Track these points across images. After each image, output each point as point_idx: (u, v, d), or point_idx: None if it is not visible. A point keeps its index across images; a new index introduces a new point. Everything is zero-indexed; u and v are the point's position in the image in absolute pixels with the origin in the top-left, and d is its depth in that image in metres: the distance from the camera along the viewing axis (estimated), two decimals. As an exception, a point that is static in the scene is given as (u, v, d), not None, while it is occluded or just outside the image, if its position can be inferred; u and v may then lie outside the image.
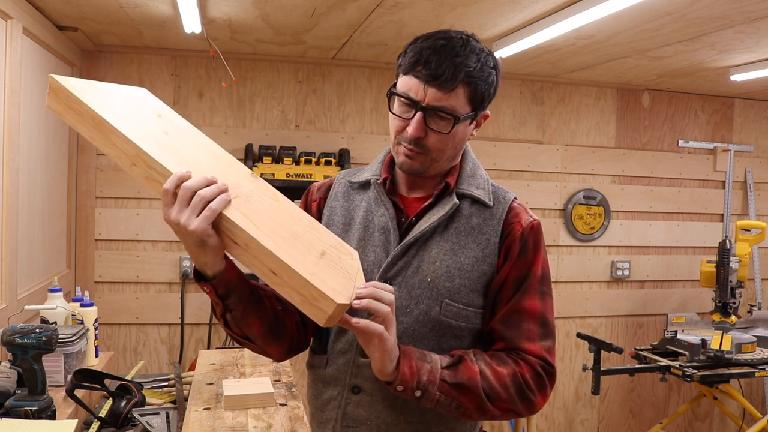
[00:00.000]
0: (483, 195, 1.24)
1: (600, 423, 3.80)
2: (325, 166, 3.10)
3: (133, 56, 3.09)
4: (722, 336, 2.99)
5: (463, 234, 1.21)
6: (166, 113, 1.11)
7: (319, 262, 1.03)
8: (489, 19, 2.41)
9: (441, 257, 1.20)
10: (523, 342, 1.17)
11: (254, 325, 1.17)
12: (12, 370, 1.60)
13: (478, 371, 1.12)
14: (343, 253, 1.08)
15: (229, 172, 1.06)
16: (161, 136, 1.04)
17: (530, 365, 1.16)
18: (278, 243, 0.99)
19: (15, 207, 2.14)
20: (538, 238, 1.23)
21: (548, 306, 1.22)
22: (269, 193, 1.08)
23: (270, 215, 1.04)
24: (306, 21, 2.54)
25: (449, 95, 1.12)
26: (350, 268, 1.07)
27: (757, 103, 3.95)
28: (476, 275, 1.20)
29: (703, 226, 3.88)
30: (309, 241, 1.05)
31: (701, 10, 2.17)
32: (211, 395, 1.66)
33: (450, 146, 1.18)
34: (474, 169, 1.28)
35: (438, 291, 1.18)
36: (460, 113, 1.14)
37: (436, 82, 1.11)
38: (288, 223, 1.05)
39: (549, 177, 3.63)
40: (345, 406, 1.22)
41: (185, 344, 3.18)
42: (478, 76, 1.14)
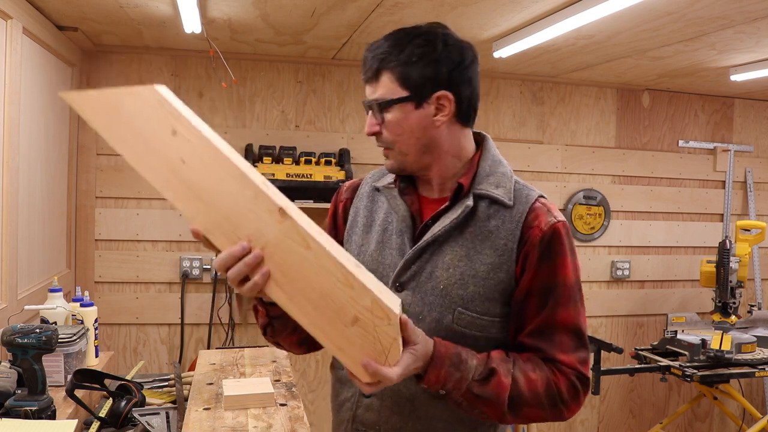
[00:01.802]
0: (502, 194, 1.17)
1: (600, 423, 3.80)
2: (325, 166, 3.10)
3: (133, 56, 3.09)
4: (722, 336, 2.99)
5: (480, 238, 1.16)
6: (179, 127, 0.92)
7: (350, 333, 0.94)
8: (489, 19, 2.41)
9: (455, 263, 1.16)
10: (557, 353, 1.13)
11: (288, 337, 1.24)
12: (12, 370, 1.60)
13: (508, 385, 1.08)
14: (379, 318, 0.94)
15: (252, 210, 0.92)
16: (179, 167, 0.92)
17: (565, 375, 1.12)
18: (306, 311, 0.94)
19: (15, 207, 2.14)
20: (562, 241, 1.15)
21: (582, 315, 1.16)
22: (298, 238, 0.93)
23: (298, 271, 0.93)
24: (306, 21, 2.54)
25: (377, 86, 1.15)
26: (384, 338, 0.95)
27: (757, 103, 3.95)
28: (492, 283, 1.15)
29: (703, 226, 3.88)
30: (341, 304, 0.94)
31: (701, 10, 2.17)
32: (211, 395, 1.66)
33: (406, 134, 1.15)
34: (494, 166, 1.22)
35: (451, 298, 1.15)
36: (387, 99, 1.14)
37: (366, 77, 1.16)
38: (319, 281, 0.93)
39: (549, 177, 3.63)
40: (356, 409, 1.23)
41: (185, 344, 3.18)
42: (399, 59, 1.12)
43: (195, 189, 0.93)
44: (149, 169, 0.93)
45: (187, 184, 0.93)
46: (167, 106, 0.92)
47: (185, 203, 0.94)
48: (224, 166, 0.92)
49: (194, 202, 0.93)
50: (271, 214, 0.92)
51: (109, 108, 0.94)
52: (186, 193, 0.93)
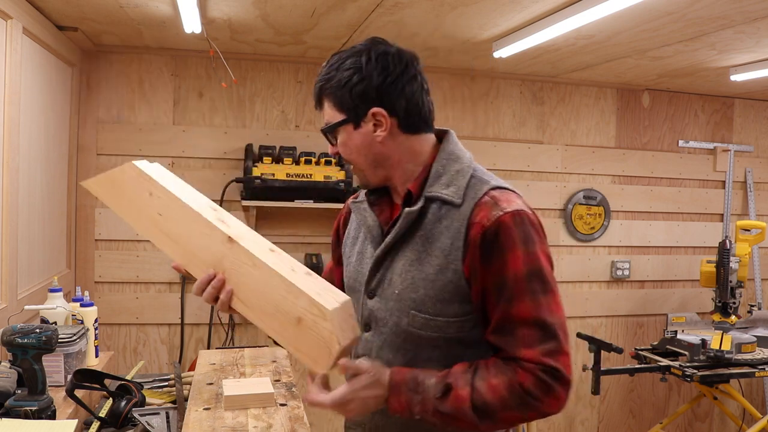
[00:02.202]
0: (452, 194, 1.17)
1: (600, 423, 3.80)
2: (325, 166, 3.09)
3: (133, 56, 3.09)
4: (722, 336, 2.99)
5: (429, 241, 1.17)
6: (153, 190, 1.22)
7: (298, 332, 1.12)
8: (489, 19, 2.41)
9: (407, 268, 1.18)
10: (519, 350, 1.09)
11: None
12: (12, 370, 1.60)
13: (468, 397, 1.08)
14: (316, 315, 1.09)
15: (209, 242, 1.18)
16: (157, 219, 1.22)
17: (529, 372, 1.08)
18: (264, 319, 1.16)
19: (15, 207, 2.14)
20: (509, 233, 1.11)
21: (544, 305, 1.11)
22: (246, 259, 1.15)
23: (252, 287, 1.16)
24: (306, 21, 2.54)
25: (323, 113, 1.25)
26: (324, 332, 1.09)
27: (757, 103, 3.95)
28: (440, 284, 1.15)
29: (703, 226, 3.88)
30: (287, 310, 1.12)
31: (701, 10, 2.16)
32: (211, 395, 1.66)
33: (354, 153, 1.23)
34: (447, 165, 1.21)
35: (405, 303, 1.18)
36: (331, 123, 1.22)
37: (317, 107, 1.26)
38: (268, 292, 1.14)
39: (549, 177, 3.63)
40: None
41: (185, 344, 3.18)
42: (329, 86, 1.20)
43: (170, 235, 1.21)
44: (140, 225, 1.25)
45: (165, 231, 1.22)
46: (143, 175, 1.22)
47: (165, 246, 1.23)
48: (185, 213, 1.19)
49: (171, 245, 1.21)
50: (223, 243, 1.17)
51: (111, 185, 1.26)
52: (164, 239, 1.22)
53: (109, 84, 3.07)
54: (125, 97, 3.09)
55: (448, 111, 3.46)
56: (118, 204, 1.26)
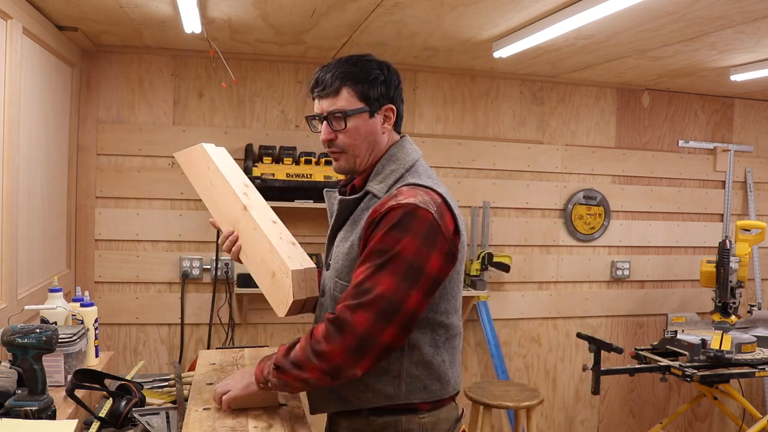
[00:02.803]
0: (379, 189, 1.41)
1: (600, 423, 3.80)
2: (325, 166, 3.09)
3: (133, 56, 3.09)
4: (722, 336, 2.99)
5: (353, 226, 1.43)
6: (210, 164, 1.67)
7: (272, 283, 1.48)
8: (489, 19, 2.41)
9: (339, 245, 1.46)
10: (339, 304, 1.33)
11: None
12: (12, 370, 1.60)
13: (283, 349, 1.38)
14: (283, 273, 1.44)
15: (234, 208, 1.59)
16: (208, 187, 1.68)
17: (322, 322, 1.33)
18: (254, 269, 1.56)
19: (15, 207, 2.14)
20: (390, 218, 1.30)
21: (377, 278, 1.28)
22: (251, 224, 1.54)
23: (252, 245, 1.55)
24: (306, 21, 2.54)
25: (336, 99, 1.42)
26: (286, 286, 1.43)
27: (757, 103, 3.95)
28: (352, 256, 1.40)
29: (703, 226, 3.88)
30: (267, 265, 1.49)
31: (701, 10, 2.17)
32: (211, 395, 1.66)
33: (360, 139, 1.44)
34: (386, 165, 1.45)
35: (333, 272, 1.45)
36: (348, 109, 1.41)
37: (324, 93, 1.43)
38: (259, 251, 1.52)
39: (549, 177, 3.63)
40: None
41: (185, 344, 3.18)
42: (358, 77, 1.42)
43: (215, 198, 1.67)
44: (201, 191, 1.74)
45: (212, 196, 1.68)
46: (205, 154, 1.69)
47: (212, 208, 1.69)
48: (224, 184, 1.63)
49: (214, 206, 1.68)
50: (240, 210, 1.57)
51: (187, 159, 1.78)
52: (211, 201, 1.69)
53: (109, 84, 3.07)
54: (125, 97, 3.09)
55: (448, 111, 3.46)
56: (190, 172, 1.76)
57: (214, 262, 3.17)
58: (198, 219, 3.17)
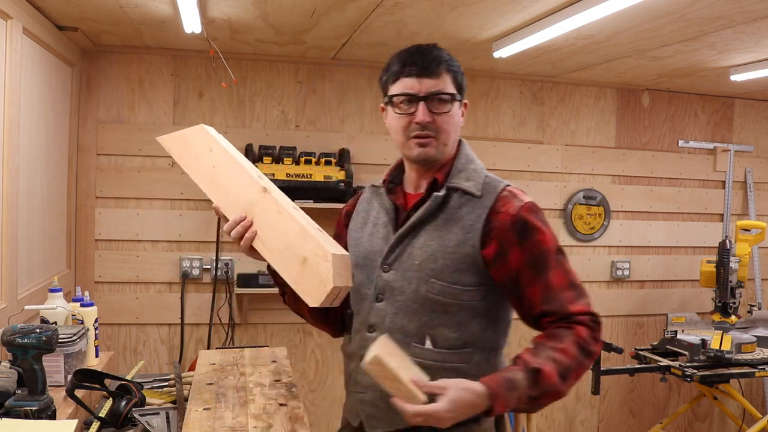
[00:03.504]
0: (472, 187, 1.38)
1: (600, 423, 3.80)
2: (325, 166, 3.09)
3: (133, 56, 3.09)
4: (722, 336, 2.99)
5: (451, 222, 1.37)
6: (214, 147, 1.55)
7: (302, 270, 1.34)
8: (489, 19, 2.41)
9: (428, 243, 1.37)
10: (568, 307, 1.30)
11: (303, 308, 1.47)
12: (12, 370, 1.60)
13: (554, 371, 1.22)
14: (320, 257, 1.32)
15: (247, 191, 1.46)
16: (211, 171, 1.53)
17: (583, 324, 1.29)
18: (275, 256, 1.40)
19: (15, 207, 2.14)
20: (534, 217, 1.35)
21: (571, 271, 1.35)
22: (273, 206, 1.42)
23: (273, 229, 1.40)
24: (306, 21, 2.54)
25: (439, 81, 1.36)
26: (324, 272, 1.30)
27: (757, 103, 3.95)
28: (458, 256, 1.34)
29: (703, 226, 3.88)
30: (296, 250, 1.36)
31: (701, 10, 2.17)
32: (211, 395, 1.66)
33: (452, 127, 1.39)
34: (466, 163, 1.43)
35: (425, 272, 1.36)
36: (455, 93, 1.38)
37: (426, 72, 1.36)
38: (285, 234, 1.38)
39: (549, 177, 3.63)
40: (356, 375, 1.43)
41: (185, 344, 3.18)
42: (453, 65, 1.40)
43: (218, 183, 1.51)
44: (198, 175, 1.55)
45: (215, 181, 1.52)
46: (208, 135, 1.56)
47: (213, 193, 1.52)
48: (235, 167, 1.50)
49: (216, 191, 1.51)
50: (258, 192, 1.45)
51: (181, 141, 1.61)
52: (214, 187, 1.52)
53: (109, 84, 3.07)
54: (125, 97, 3.09)
55: (448, 111, 3.46)
56: (182, 155, 1.59)
57: (214, 262, 3.17)
58: (198, 219, 3.17)
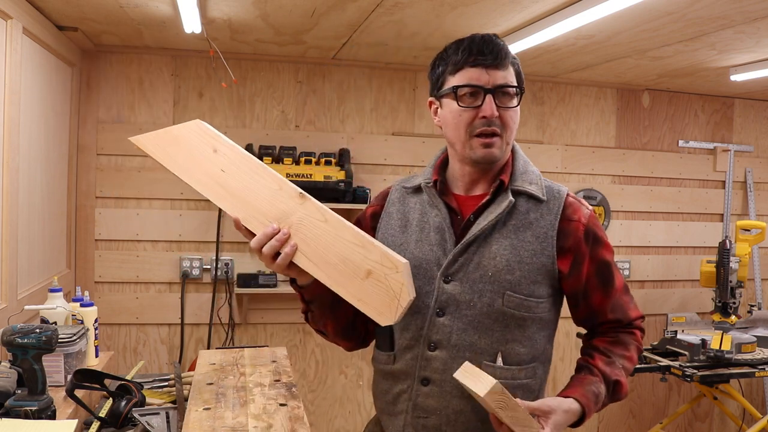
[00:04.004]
0: (537, 191, 1.31)
1: (600, 423, 3.80)
2: (325, 166, 3.10)
3: (133, 56, 3.09)
4: (722, 336, 2.99)
5: (522, 229, 1.29)
6: (220, 147, 1.27)
7: (365, 285, 1.17)
8: (489, 19, 2.41)
9: (501, 252, 1.27)
10: (630, 313, 1.37)
11: (329, 325, 1.37)
12: (12, 370, 1.60)
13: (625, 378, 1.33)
14: (388, 268, 1.16)
15: (278, 198, 1.23)
16: (218, 175, 1.26)
17: (639, 328, 1.38)
18: (328, 272, 1.19)
19: (15, 207, 2.14)
20: (599, 227, 1.35)
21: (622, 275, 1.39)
22: (317, 214, 1.21)
23: (320, 241, 1.20)
24: (306, 21, 2.54)
25: (506, 73, 1.25)
26: (395, 284, 1.16)
27: (757, 103, 3.95)
28: (535, 267, 1.27)
29: (703, 226, 3.88)
30: (356, 262, 1.18)
31: (701, 10, 2.17)
32: (211, 395, 1.66)
33: (516, 124, 1.29)
34: (525, 165, 1.36)
35: (500, 284, 1.26)
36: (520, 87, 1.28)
37: (495, 63, 1.23)
38: (336, 246, 1.19)
39: (549, 177, 3.58)
40: (416, 398, 1.31)
41: (185, 344, 3.18)
42: (516, 58, 1.29)
43: (231, 190, 1.25)
44: (197, 180, 1.28)
45: (225, 187, 1.26)
46: (209, 132, 1.28)
47: (225, 202, 1.26)
48: (255, 170, 1.25)
49: (231, 200, 1.25)
50: (293, 198, 1.22)
51: (168, 141, 1.30)
52: (225, 194, 1.26)
53: (109, 84, 3.07)
54: (125, 97, 3.09)
55: (448, 111, 3.46)
56: (172, 159, 1.30)
57: (214, 262, 3.17)
58: (198, 219, 3.17)
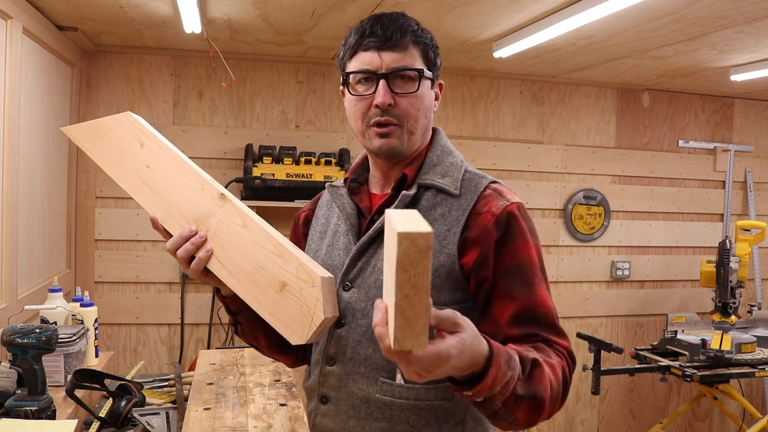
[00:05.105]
0: (448, 184, 1.14)
1: (600, 423, 3.80)
2: (325, 166, 3.10)
3: (133, 56, 3.09)
4: (722, 336, 2.99)
5: None
6: (147, 141, 1.20)
7: (279, 298, 1.07)
8: (489, 19, 2.41)
9: None
10: (551, 336, 1.06)
11: (261, 339, 1.24)
12: (12, 370, 1.60)
13: (547, 376, 0.97)
14: (304, 281, 1.06)
15: (199, 198, 1.15)
16: (143, 171, 1.19)
17: (565, 359, 1.05)
18: (242, 281, 1.10)
19: (15, 207, 2.14)
20: (519, 222, 1.11)
21: (550, 296, 1.10)
22: (236, 218, 1.12)
23: (236, 247, 1.11)
24: (306, 21, 2.54)
25: (405, 54, 1.11)
26: (309, 299, 1.05)
27: (757, 103, 3.95)
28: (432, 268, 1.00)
29: (703, 226, 3.88)
30: (271, 273, 1.08)
31: (701, 10, 2.17)
32: (211, 395, 1.66)
33: (421, 111, 1.14)
34: (442, 157, 1.20)
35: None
36: (423, 69, 1.13)
37: (388, 44, 1.10)
38: (253, 254, 1.10)
39: (549, 177, 3.63)
40: (314, 417, 1.20)
41: (185, 344, 3.18)
42: (424, 36, 1.15)
43: (153, 187, 1.18)
44: (123, 176, 1.21)
45: (149, 184, 1.18)
46: (136, 125, 1.21)
47: (146, 199, 1.18)
48: (180, 167, 1.17)
49: (152, 197, 1.18)
50: (214, 199, 1.14)
51: (97, 133, 1.23)
52: (147, 192, 1.18)
53: (109, 84, 3.07)
54: (125, 97, 3.09)
55: (448, 111, 3.46)
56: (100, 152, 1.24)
57: (214, 262, 3.16)
58: (198, 219, 3.16)
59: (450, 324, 0.83)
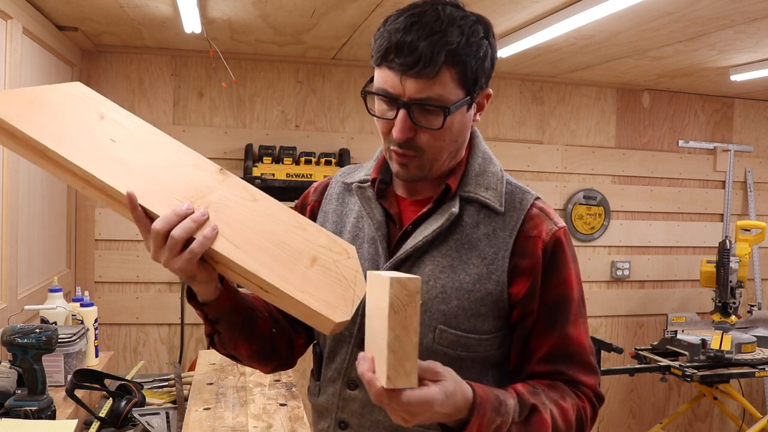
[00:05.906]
0: (493, 198, 1.03)
1: (600, 423, 3.80)
2: (325, 166, 3.10)
3: (133, 56, 3.09)
4: (722, 336, 2.99)
5: (466, 247, 1.01)
6: (109, 113, 1.00)
7: (310, 273, 0.93)
8: (489, 19, 2.41)
9: (436, 275, 1.01)
10: (579, 375, 1.02)
11: (242, 348, 1.09)
12: (12, 370, 1.60)
13: (550, 422, 0.94)
14: (337, 253, 0.96)
15: (192, 174, 0.98)
16: (108, 146, 0.96)
17: (588, 399, 1.02)
18: (262, 260, 0.92)
19: (15, 207, 2.14)
20: (565, 251, 1.03)
21: (587, 331, 1.06)
22: (243, 193, 0.98)
23: (248, 223, 0.95)
24: (306, 21, 2.54)
25: (433, 83, 0.92)
26: (347, 272, 0.95)
27: (757, 103, 3.95)
28: (478, 296, 1.00)
29: (703, 226, 3.88)
30: (297, 247, 0.95)
31: (701, 10, 2.17)
32: (211, 395, 1.66)
33: (448, 141, 0.99)
34: (484, 164, 1.08)
35: (431, 316, 1.00)
36: (450, 102, 0.94)
37: (413, 70, 0.91)
38: (270, 229, 0.95)
39: (549, 177, 3.63)
40: None
41: (185, 344, 3.18)
42: (465, 53, 0.93)
43: (125, 163, 0.96)
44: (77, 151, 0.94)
45: (118, 160, 0.96)
46: (92, 96, 1.01)
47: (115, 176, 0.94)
48: (160, 141, 1.01)
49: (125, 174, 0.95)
50: (213, 174, 0.99)
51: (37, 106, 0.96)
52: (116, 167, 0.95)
53: (109, 84, 3.07)
54: (125, 97, 3.09)
55: (448, 111, 3.46)
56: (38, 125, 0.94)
57: (214, 262, 3.16)
58: (198, 219, 3.16)
59: (431, 373, 0.84)
